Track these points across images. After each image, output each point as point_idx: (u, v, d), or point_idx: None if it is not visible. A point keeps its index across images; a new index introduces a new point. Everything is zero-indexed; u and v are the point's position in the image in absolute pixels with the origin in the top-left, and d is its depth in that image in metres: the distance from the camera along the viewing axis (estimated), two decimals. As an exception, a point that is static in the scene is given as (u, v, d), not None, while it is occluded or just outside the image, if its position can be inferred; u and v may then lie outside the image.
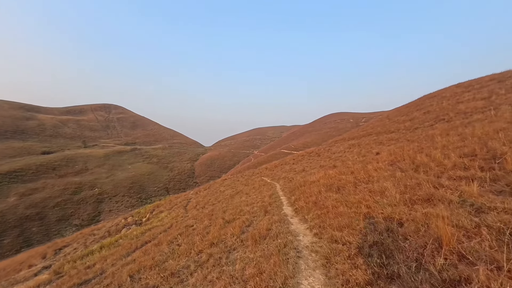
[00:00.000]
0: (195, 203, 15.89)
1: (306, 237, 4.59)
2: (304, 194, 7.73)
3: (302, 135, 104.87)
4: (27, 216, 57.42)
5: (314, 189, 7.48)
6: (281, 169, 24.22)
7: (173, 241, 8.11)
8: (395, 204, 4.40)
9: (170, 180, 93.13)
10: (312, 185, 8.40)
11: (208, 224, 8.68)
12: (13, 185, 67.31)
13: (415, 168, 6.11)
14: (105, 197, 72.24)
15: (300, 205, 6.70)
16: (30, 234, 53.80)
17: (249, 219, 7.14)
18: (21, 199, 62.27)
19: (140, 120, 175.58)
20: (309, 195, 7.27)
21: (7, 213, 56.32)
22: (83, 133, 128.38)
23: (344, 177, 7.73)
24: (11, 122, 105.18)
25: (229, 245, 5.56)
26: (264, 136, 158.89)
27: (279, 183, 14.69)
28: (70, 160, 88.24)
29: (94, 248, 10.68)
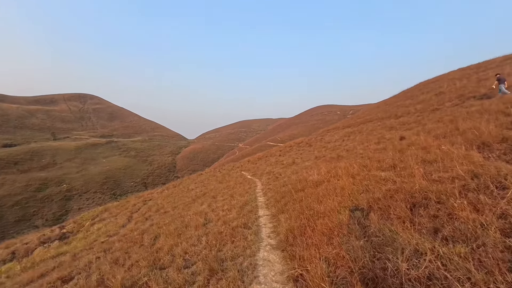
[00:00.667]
0: (148, 208, 11.86)
1: None
2: (311, 214, 3.67)
3: (288, 127, 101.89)
4: (-22, 217, 50.65)
5: (333, 203, 3.59)
6: (266, 162, 20.46)
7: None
8: None
9: (149, 175, 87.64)
10: (323, 190, 4.52)
11: (122, 258, 4.77)
12: (-36, 181, 59.62)
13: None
14: (74, 194, 66.01)
15: (310, 256, 2.66)
16: (-19, 237, 47.23)
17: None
18: (-27, 197, 55.06)
19: (118, 111, 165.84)
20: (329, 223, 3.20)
21: (-46, 214, 49.34)
22: (53, 124, 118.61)
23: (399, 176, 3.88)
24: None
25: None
26: (250, 129, 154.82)
27: (261, 180, 10.90)
28: (35, 153, 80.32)
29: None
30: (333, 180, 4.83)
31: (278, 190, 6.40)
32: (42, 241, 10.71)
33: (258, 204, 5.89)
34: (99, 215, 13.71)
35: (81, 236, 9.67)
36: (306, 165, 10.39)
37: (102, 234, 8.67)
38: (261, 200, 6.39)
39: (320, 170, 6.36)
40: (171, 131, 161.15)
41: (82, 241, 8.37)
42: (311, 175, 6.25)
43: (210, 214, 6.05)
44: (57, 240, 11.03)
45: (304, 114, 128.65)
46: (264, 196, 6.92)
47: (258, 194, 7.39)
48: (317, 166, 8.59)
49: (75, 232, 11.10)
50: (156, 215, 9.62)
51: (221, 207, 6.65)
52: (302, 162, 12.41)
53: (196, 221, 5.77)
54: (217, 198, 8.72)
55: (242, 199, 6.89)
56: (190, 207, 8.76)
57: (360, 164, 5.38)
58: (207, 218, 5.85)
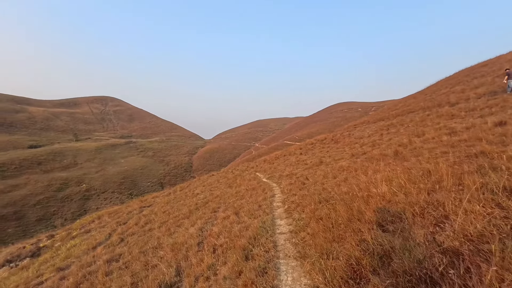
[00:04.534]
0: (137, 220, 9.57)
1: None
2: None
3: (306, 126, 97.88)
4: (2, 216, 51.93)
5: None
6: (285, 162, 17.63)
7: None
8: None
9: (166, 175, 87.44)
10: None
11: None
12: (-8, 181, 61.79)
13: None
14: (92, 194, 66.66)
15: None
16: (4, 236, 48.24)
17: None
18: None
19: (137, 112, 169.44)
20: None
21: (-20, 213, 50.86)
22: (76, 126, 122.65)
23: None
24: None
25: None
26: (266, 128, 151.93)
27: (280, 186, 8.14)
28: (58, 154, 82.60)
29: None
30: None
31: (314, 211, 3.68)
32: (8, 260, 8.69)
33: (278, 244, 3.22)
34: (87, 224, 11.63)
35: (42, 259, 7.54)
36: (343, 166, 7.49)
37: (61, 262, 6.43)
38: (284, 229, 3.75)
39: (381, 176, 3.54)
40: (188, 131, 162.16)
41: (29, 270, 6.22)
42: (372, 184, 3.43)
43: (190, 257, 3.49)
44: (28, 258, 8.94)
45: (322, 112, 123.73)
46: (287, 218, 4.27)
47: (277, 212, 4.78)
48: (364, 167, 5.66)
49: (50, 245, 9.03)
50: (136, 235, 7.23)
51: (215, 235, 4.11)
52: (334, 161, 9.48)
53: (158, 275, 3.21)
54: (218, 213, 6.19)
55: (251, 223, 4.28)
56: (180, 224, 6.29)
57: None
58: (181, 269, 3.28)
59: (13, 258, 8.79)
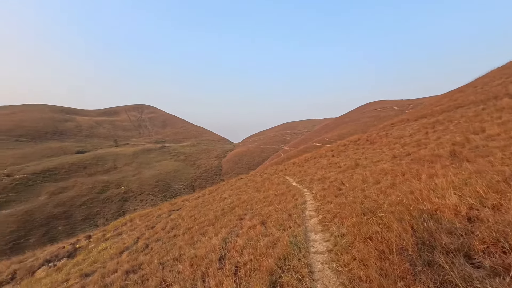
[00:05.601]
0: (164, 224, 9.46)
1: None
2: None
3: (336, 127, 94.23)
4: (54, 215, 57.26)
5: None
6: (315, 165, 16.66)
7: None
8: None
9: (197, 178, 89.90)
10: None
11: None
12: (46, 184, 68.70)
13: None
14: (130, 196, 70.78)
15: None
16: (55, 233, 53.11)
17: None
18: (51, 198, 62.82)
19: (170, 118, 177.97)
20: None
21: (36, 212, 56.61)
22: (116, 132, 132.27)
23: None
24: (51, 124, 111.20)
25: None
26: (295, 130, 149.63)
27: (312, 192, 7.39)
28: (100, 158, 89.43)
29: None
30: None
31: (357, 226, 2.97)
32: (47, 259, 9.09)
33: (314, 269, 2.57)
34: (120, 227, 11.92)
35: (74, 261, 7.70)
36: (384, 169, 6.53)
37: (88, 267, 6.42)
38: (320, 246, 3.10)
39: (442, 182, 2.71)
40: (217, 135, 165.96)
41: (61, 272, 6.31)
42: (433, 192, 2.63)
43: (209, 278, 2.99)
44: (65, 258, 9.26)
45: (353, 112, 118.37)
46: (323, 231, 3.59)
47: (311, 223, 4.12)
48: (413, 170, 4.73)
49: (85, 246, 9.33)
50: (160, 241, 7.00)
51: (239, 249, 3.59)
52: (372, 164, 8.45)
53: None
54: (244, 221, 5.68)
55: (280, 237, 3.68)
56: (204, 232, 5.90)
57: None
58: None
59: (52, 257, 9.22)
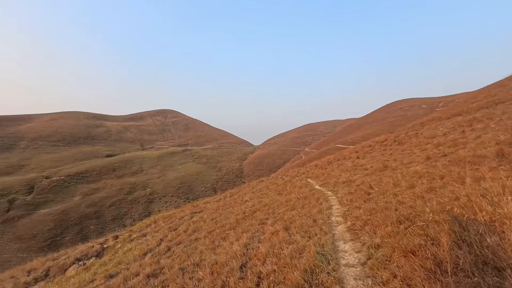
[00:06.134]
0: (186, 227, 9.48)
1: None
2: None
3: (360, 128, 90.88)
4: (86, 215, 60.79)
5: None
6: (339, 167, 16.02)
7: None
8: None
9: (218, 180, 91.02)
10: None
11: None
12: (79, 185, 73.34)
13: None
14: (155, 197, 73.28)
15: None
16: (87, 232, 56.35)
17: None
18: (84, 198, 66.87)
19: (192, 122, 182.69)
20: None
21: (71, 212, 60.49)
22: (142, 137, 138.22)
23: None
24: (84, 129, 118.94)
25: None
26: (316, 132, 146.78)
27: (337, 196, 7.00)
28: (128, 161, 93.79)
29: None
30: None
31: (394, 237, 2.60)
32: (78, 258, 9.51)
33: (347, 285, 2.27)
34: (145, 228, 12.22)
35: (101, 261, 7.95)
36: (418, 172, 5.98)
37: (113, 267, 6.55)
38: (351, 258, 2.78)
39: (495, 186, 2.28)
40: (238, 138, 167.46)
41: (89, 272, 6.50)
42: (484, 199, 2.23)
43: (231, 286, 2.82)
44: (94, 258, 9.62)
45: (378, 112, 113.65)
46: (353, 240, 3.25)
47: (338, 230, 3.79)
48: (453, 173, 4.23)
49: (112, 246, 9.65)
50: (182, 245, 6.96)
51: (261, 257, 3.37)
52: (403, 166, 7.83)
53: None
54: (266, 226, 5.45)
55: (305, 245, 3.40)
56: (225, 237, 5.76)
57: None
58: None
59: (82, 256, 9.65)
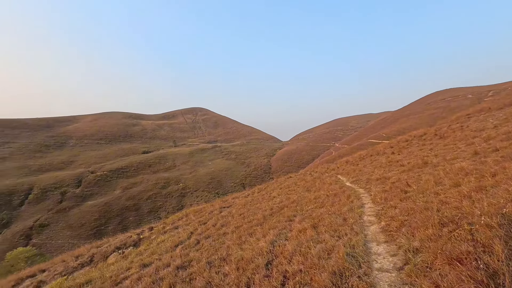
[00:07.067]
0: (215, 221, 9.68)
1: None
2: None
3: (395, 121, 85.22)
4: (126, 207, 65.61)
5: None
6: (372, 163, 15.18)
7: None
8: None
9: (247, 176, 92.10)
10: None
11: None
12: (119, 180, 79.30)
13: None
14: (187, 192, 76.48)
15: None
16: (127, 222, 60.82)
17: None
18: (124, 192, 72.22)
19: (221, 119, 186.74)
20: None
21: (113, 204, 65.73)
22: (174, 134, 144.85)
23: None
24: (122, 128, 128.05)
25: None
26: (347, 126, 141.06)
27: (370, 193, 6.60)
28: (162, 158, 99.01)
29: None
30: None
31: (436, 241, 2.32)
32: (117, 247, 10.28)
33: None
34: (177, 221, 12.79)
35: (137, 250, 8.48)
36: (464, 168, 5.36)
37: (147, 257, 6.93)
38: (386, 262, 2.54)
39: None
40: (266, 134, 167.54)
41: (127, 260, 6.96)
42: None
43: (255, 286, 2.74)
44: (131, 247, 10.32)
45: (416, 104, 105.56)
46: (388, 242, 2.98)
47: (371, 230, 3.53)
48: (507, 171, 3.69)
49: (148, 237, 10.29)
50: (210, 239, 7.11)
51: (288, 255, 3.26)
52: (446, 162, 7.11)
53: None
54: (294, 223, 5.30)
55: (334, 245, 3.21)
56: (252, 233, 5.75)
57: None
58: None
59: (121, 245, 10.43)
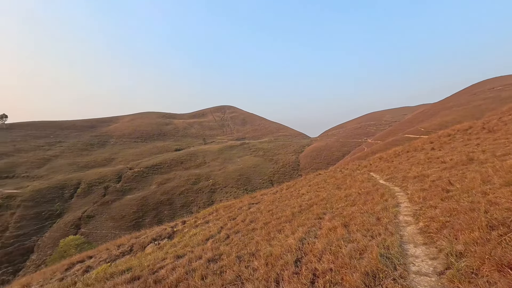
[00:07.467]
0: (244, 216, 9.81)
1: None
2: None
3: (435, 114, 78.64)
4: (161, 201, 69.50)
5: None
6: (409, 160, 14.19)
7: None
8: None
9: (275, 173, 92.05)
10: None
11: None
12: (155, 175, 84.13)
13: None
14: (217, 188, 78.70)
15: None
16: (162, 216, 64.45)
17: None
18: (159, 187, 76.52)
19: (249, 116, 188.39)
20: None
21: (149, 198, 70.05)
22: (204, 132, 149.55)
23: None
24: (156, 127, 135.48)
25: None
26: (380, 121, 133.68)
27: (407, 193, 6.17)
28: (193, 155, 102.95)
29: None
30: None
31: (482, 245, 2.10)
32: (154, 238, 10.98)
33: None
34: (208, 215, 13.25)
35: (172, 242, 8.95)
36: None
37: (181, 249, 7.28)
38: (424, 266, 2.35)
39: None
40: (294, 130, 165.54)
41: (162, 251, 7.39)
42: None
43: (284, 283, 2.71)
44: (166, 239, 10.93)
45: (460, 94, 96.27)
46: (427, 244, 2.74)
47: (407, 231, 3.29)
48: None
49: (181, 230, 10.85)
50: (240, 234, 7.23)
51: (317, 253, 3.17)
52: (495, 158, 6.39)
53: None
54: (323, 221, 5.16)
55: (366, 245, 3.06)
56: (280, 229, 5.72)
57: None
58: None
59: (157, 237, 11.13)
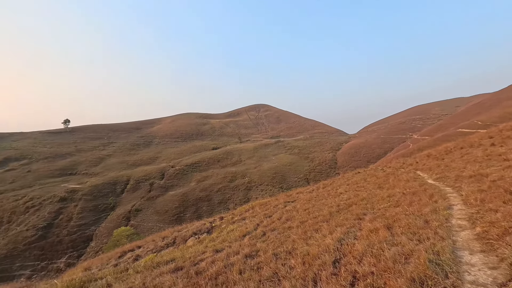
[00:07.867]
0: (280, 215, 9.74)
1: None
2: None
3: (495, 105, 68.83)
4: (200, 198, 72.86)
5: None
6: (462, 157, 12.71)
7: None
8: None
9: (311, 171, 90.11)
10: None
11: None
12: (194, 173, 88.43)
13: None
14: (252, 186, 79.80)
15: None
16: (201, 212, 67.52)
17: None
18: (198, 184, 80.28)
19: (283, 114, 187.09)
20: None
21: (189, 194, 73.94)
22: (239, 131, 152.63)
23: None
24: (195, 127, 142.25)
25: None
26: (427, 115, 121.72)
27: (460, 193, 5.56)
28: (229, 153, 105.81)
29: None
30: None
31: None
32: (194, 232, 11.59)
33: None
34: (244, 212, 13.53)
35: (210, 237, 9.33)
36: None
37: (219, 244, 7.54)
38: (482, 276, 2.07)
39: None
40: (330, 127, 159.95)
41: (202, 244, 7.74)
42: None
43: (322, 284, 2.62)
44: (205, 233, 11.46)
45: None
46: (485, 252, 2.42)
47: (461, 236, 2.93)
48: None
49: (219, 226, 11.28)
50: (276, 231, 7.21)
51: (357, 255, 3.00)
52: None
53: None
54: (364, 222, 4.87)
55: (413, 250, 2.77)
56: (317, 229, 5.57)
57: None
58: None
59: (197, 231, 11.74)
